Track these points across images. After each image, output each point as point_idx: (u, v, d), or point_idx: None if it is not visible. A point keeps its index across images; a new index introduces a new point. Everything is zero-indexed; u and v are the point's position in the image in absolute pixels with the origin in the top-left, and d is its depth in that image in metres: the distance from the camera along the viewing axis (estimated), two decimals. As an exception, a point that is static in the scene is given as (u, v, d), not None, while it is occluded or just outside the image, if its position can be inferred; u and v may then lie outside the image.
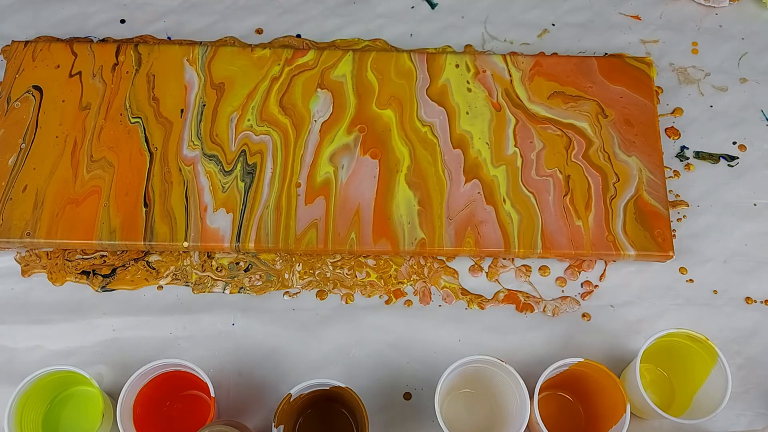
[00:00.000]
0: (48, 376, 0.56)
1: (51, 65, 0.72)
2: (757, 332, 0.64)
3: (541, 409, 0.56)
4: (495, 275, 0.66)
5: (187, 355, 0.63)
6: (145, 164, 0.67)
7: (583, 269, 0.67)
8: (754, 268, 0.67)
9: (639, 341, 0.63)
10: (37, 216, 0.65)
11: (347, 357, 0.63)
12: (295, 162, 0.68)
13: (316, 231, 0.65)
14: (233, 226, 0.65)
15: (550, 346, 0.64)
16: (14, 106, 0.70)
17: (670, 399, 0.61)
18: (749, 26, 0.78)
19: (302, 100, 0.70)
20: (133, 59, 0.72)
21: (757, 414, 0.62)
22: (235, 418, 0.61)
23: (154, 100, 0.70)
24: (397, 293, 0.66)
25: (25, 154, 0.68)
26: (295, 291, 0.66)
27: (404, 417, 0.61)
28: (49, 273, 0.66)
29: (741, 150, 0.72)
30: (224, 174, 0.67)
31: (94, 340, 0.64)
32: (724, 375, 0.55)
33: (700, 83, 0.75)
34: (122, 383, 0.55)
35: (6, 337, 0.64)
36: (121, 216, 0.65)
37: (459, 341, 0.64)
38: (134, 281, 0.66)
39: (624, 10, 0.79)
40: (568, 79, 0.72)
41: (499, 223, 0.65)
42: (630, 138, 0.69)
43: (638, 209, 0.66)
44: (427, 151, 0.68)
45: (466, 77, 0.71)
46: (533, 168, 0.68)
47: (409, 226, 0.65)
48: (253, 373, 0.62)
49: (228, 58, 0.72)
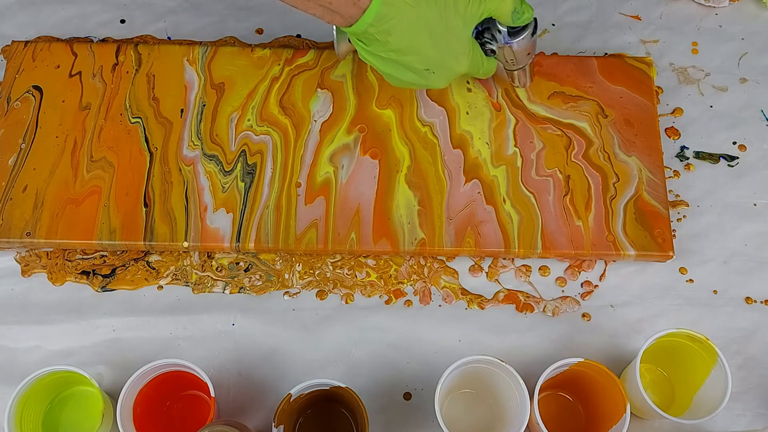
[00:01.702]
0: (48, 376, 0.56)
1: (51, 65, 0.72)
2: (757, 332, 0.64)
3: (541, 409, 0.56)
4: (495, 275, 0.66)
5: (187, 355, 0.63)
6: (145, 164, 0.67)
7: (583, 269, 0.67)
8: (754, 268, 0.67)
9: (639, 341, 0.63)
10: (37, 216, 0.65)
11: (347, 357, 0.63)
12: (295, 162, 0.68)
13: (316, 231, 0.65)
14: (233, 226, 0.65)
15: (550, 346, 0.64)
16: (14, 106, 0.70)
17: (670, 399, 0.61)
18: (749, 26, 0.78)
19: (302, 100, 0.70)
20: (133, 59, 0.72)
21: (757, 414, 0.62)
22: (235, 418, 0.61)
23: (154, 100, 0.70)
24: (397, 293, 0.66)
25: (25, 154, 0.68)
26: (295, 291, 0.66)
27: (404, 417, 0.61)
28: (49, 273, 0.66)
29: (741, 150, 0.72)
30: (224, 174, 0.67)
31: (94, 340, 0.64)
32: (724, 375, 0.55)
33: (700, 83, 0.75)
34: (122, 383, 0.55)
35: (6, 337, 0.64)
36: (121, 216, 0.65)
37: (459, 341, 0.64)
38: (134, 281, 0.66)
39: (624, 10, 0.79)
40: (568, 79, 0.72)
41: (499, 223, 0.65)
42: (630, 138, 0.69)
43: (638, 209, 0.66)
44: (427, 151, 0.68)
45: (466, 77, 0.71)
46: (533, 168, 0.68)
47: (409, 226, 0.65)
48: (253, 373, 0.62)
49: (228, 58, 0.72)
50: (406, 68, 0.59)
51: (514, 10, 0.58)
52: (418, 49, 0.57)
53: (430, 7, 0.56)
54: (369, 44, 0.58)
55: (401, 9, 0.55)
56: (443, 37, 0.58)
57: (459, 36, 0.59)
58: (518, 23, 0.60)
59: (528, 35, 0.61)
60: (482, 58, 0.63)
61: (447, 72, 0.61)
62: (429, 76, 0.60)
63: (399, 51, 0.57)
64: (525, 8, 0.59)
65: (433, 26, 0.56)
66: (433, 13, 0.56)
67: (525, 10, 0.59)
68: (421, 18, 0.56)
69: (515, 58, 0.63)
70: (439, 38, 0.57)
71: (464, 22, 0.58)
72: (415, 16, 0.55)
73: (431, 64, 0.59)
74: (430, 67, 0.59)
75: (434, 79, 0.61)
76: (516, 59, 0.63)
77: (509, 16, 0.59)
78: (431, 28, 0.56)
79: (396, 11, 0.55)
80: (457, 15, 0.57)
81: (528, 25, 0.61)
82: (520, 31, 0.61)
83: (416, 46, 0.57)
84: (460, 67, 0.61)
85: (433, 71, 0.60)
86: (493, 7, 0.58)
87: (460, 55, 0.60)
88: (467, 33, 0.59)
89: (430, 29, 0.56)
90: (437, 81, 0.61)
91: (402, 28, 0.56)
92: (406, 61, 0.58)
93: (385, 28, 0.55)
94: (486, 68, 0.64)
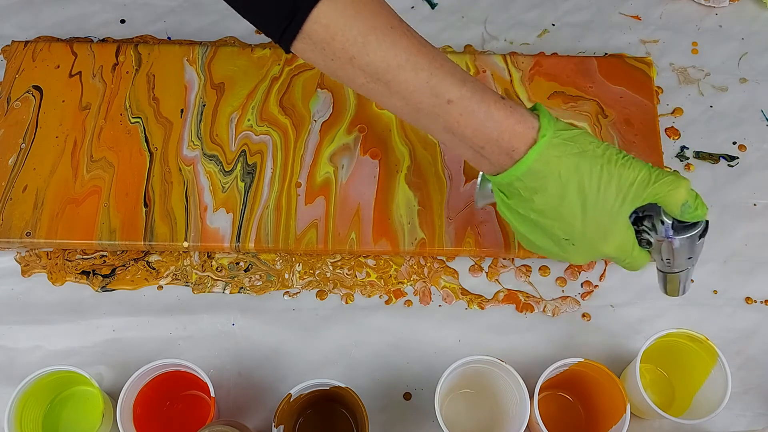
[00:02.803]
0: (48, 376, 0.56)
1: (51, 65, 0.72)
2: (757, 332, 0.64)
3: (541, 409, 0.56)
4: (495, 275, 0.66)
5: (187, 355, 0.63)
6: (145, 164, 0.67)
7: (583, 269, 0.67)
8: (754, 268, 0.67)
9: (639, 341, 0.63)
10: (37, 216, 0.65)
11: (347, 357, 0.63)
12: (295, 162, 0.68)
13: (316, 231, 0.65)
14: (233, 226, 0.65)
15: (550, 346, 0.64)
16: (14, 106, 0.70)
17: (670, 399, 0.61)
18: (749, 26, 0.78)
19: (302, 100, 0.70)
20: (133, 59, 0.72)
21: (757, 414, 0.62)
22: (235, 418, 0.61)
23: (154, 100, 0.70)
24: (397, 293, 0.66)
25: (25, 154, 0.68)
26: (295, 291, 0.66)
27: (404, 417, 0.61)
28: (49, 273, 0.66)
29: (741, 150, 0.72)
30: (224, 174, 0.67)
31: (94, 340, 0.64)
32: (724, 375, 0.55)
33: (700, 83, 0.75)
34: (122, 383, 0.55)
35: (6, 337, 0.64)
36: (121, 216, 0.65)
37: (459, 341, 0.64)
38: (134, 281, 0.66)
39: (624, 10, 0.79)
40: (568, 79, 0.72)
41: (499, 223, 0.65)
42: (630, 138, 0.69)
43: (638, 209, 0.66)
44: (427, 151, 0.68)
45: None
46: (533, 168, 0.68)
47: (409, 226, 0.65)
48: (253, 373, 0.62)
49: (228, 58, 0.72)
50: (545, 233, 0.53)
51: (685, 203, 0.50)
52: (564, 217, 0.51)
53: (591, 175, 0.50)
54: (511, 197, 0.52)
55: (557, 170, 0.49)
56: (595, 210, 0.50)
57: (615, 214, 0.51)
58: (686, 218, 0.51)
59: (695, 235, 0.52)
60: (634, 246, 0.53)
61: (589, 249, 0.53)
62: (568, 247, 0.53)
63: (542, 213, 0.51)
64: (699, 204, 0.51)
65: (589, 196, 0.50)
66: (592, 183, 0.50)
67: (698, 206, 0.51)
68: (577, 184, 0.50)
69: (672, 258, 0.54)
70: (589, 210, 0.50)
71: (623, 201, 0.50)
72: (572, 180, 0.50)
73: (574, 235, 0.52)
74: (572, 238, 0.52)
75: (573, 252, 0.53)
76: (673, 260, 0.54)
77: (678, 207, 0.50)
78: (586, 197, 0.50)
79: (550, 171, 0.49)
80: (619, 192, 0.50)
81: (698, 223, 0.52)
82: (687, 227, 0.52)
83: (563, 214, 0.51)
84: (606, 248, 0.52)
85: (573, 243, 0.53)
86: (663, 192, 0.50)
87: (609, 235, 0.52)
88: (624, 213, 0.51)
89: (584, 198, 0.50)
90: (576, 256, 0.54)
91: (552, 190, 0.50)
92: (546, 225, 0.52)
93: (534, 186, 0.50)
94: (635, 260, 0.54)
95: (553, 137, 0.49)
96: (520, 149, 0.49)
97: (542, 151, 0.49)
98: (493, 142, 0.50)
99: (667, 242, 0.52)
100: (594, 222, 0.51)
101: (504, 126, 0.49)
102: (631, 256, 0.54)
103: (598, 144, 0.51)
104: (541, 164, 0.49)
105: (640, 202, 0.51)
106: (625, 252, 0.53)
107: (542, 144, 0.49)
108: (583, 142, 0.50)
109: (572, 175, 0.50)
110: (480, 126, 0.49)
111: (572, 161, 0.49)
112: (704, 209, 0.51)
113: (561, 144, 0.49)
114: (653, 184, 0.50)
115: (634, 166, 0.50)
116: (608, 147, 0.51)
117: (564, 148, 0.49)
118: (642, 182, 0.50)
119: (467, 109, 0.49)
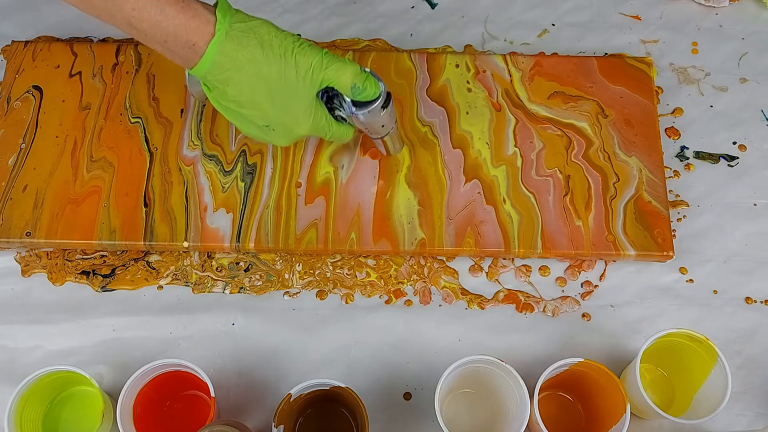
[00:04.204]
0: (48, 376, 0.56)
1: (51, 65, 0.72)
2: (757, 332, 0.64)
3: (541, 409, 0.56)
4: (495, 275, 0.66)
5: (187, 355, 0.63)
6: (145, 164, 0.67)
7: (583, 269, 0.67)
8: (754, 268, 0.67)
9: (639, 341, 0.63)
10: (37, 216, 0.65)
11: (347, 357, 0.63)
12: (295, 162, 0.68)
13: (316, 231, 0.65)
14: (233, 226, 0.65)
15: (550, 346, 0.64)
16: (14, 106, 0.70)
17: (670, 399, 0.61)
18: (749, 26, 0.78)
19: (302, 100, 0.70)
20: (133, 59, 0.72)
21: (757, 414, 0.62)
22: (235, 418, 0.61)
23: (154, 100, 0.70)
24: (397, 293, 0.66)
25: (25, 154, 0.68)
26: (295, 291, 0.66)
27: (404, 417, 0.61)
28: (49, 273, 0.66)
29: (741, 150, 0.72)
30: (224, 174, 0.67)
31: (94, 340, 0.64)
32: (724, 375, 0.55)
33: (700, 83, 0.75)
34: (122, 383, 0.55)
35: (6, 337, 0.64)
36: (121, 216, 0.65)
37: (459, 341, 0.64)
38: (134, 281, 0.66)
39: (624, 10, 0.79)
40: (568, 79, 0.72)
41: (499, 223, 0.65)
42: (630, 138, 0.69)
43: (638, 209, 0.66)
44: (427, 151, 0.68)
45: (466, 77, 0.71)
46: (533, 168, 0.68)
47: (409, 226, 0.65)
48: (253, 373, 0.62)
49: (228, 58, 0.72)
50: (248, 122, 0.57)
51: (354, 85, 0.56)
52: (257, 104, 0.55)
53: (270, 64, 0.53)
54: (212, 90, 0.56)
55: (239, 61, 0.52)
56: (282, 96, 0.55)
57: (299, 98, 0.56)
58: (358, 98, 0.57)
59: (376, 108, 0.58)
60: (330, 122, 0.59)
61: (287, 131, 0.58)
62: (270, 132, 0.58)
63: (238, 103, 0.55)
64: (368, 84, 0.56)
65: (272, 84, 0.54)
66: (272, 71, 0.53)
67: (367, 86, 0.56)
68: (259, 74, 0.53)
69: (368, 129, 0.60)
70: (277, 97, 0.55)
71: (305, 86, 0.55)
72: (253, 70, 0.53)
73: (270, 120, 0.56)
74: (271, 124, 0.57)
75: (275, 136, 0.58)
76: (369, 130, 0.61)
77: (348, 88, 0.56)
78: (270, 85, 0.54)
79: (233, 63, 0.52)
80: (298, 78, 0.54)
81: (376, 99, 0.57)
82: (366, 104, 0.58)
83: (254, 101, 0.55)
84: (300, 129, 0.58)
85: (272, 128, 0.57)
86: (333, 77, 0.55)
87: (300, 117, 0.57)
88: (309, 96, 0.56)
89: (268, 86, 0.54)
90: (278, 138, 0.59)
91: (239, 81, 0.53)
92: (246, 114, 0.56)
93: (223, 78, 0.53)
94: (337, 133, 0.60)
95: (229, 30, 0.52)
96: (199, 44, 0.52)
97: (221, 44, 0.52)
98: (172, 37, 0.51)
99: (355, 117, 0.58)
100: (283, 107, 0.56)
101: (178, 20, 0.51)
102: (331, 131, 0.60)
103: (276, 33, 0.54)
104: (223, 57, 0.52)
105: (318, 85, 0.56)
106: (322, 130, 0.59)
107: (219, 38, 0.52)
108: (262, 32, 0.53)
109: (253, 66, 0.53)
110: (155, 21, 0.51)
111: (251, 52, 0.53)
112: (374, 88, 0.56)
113: (239, 36, 0.52)
114: (324, 69, 0.55)
115: (309, 53, 0.54)
116: (286, 36, 0.54)
117: (242, 40, 0.52)
118: (316, 67, 0.54)
119: (139, 3, 0.50)
